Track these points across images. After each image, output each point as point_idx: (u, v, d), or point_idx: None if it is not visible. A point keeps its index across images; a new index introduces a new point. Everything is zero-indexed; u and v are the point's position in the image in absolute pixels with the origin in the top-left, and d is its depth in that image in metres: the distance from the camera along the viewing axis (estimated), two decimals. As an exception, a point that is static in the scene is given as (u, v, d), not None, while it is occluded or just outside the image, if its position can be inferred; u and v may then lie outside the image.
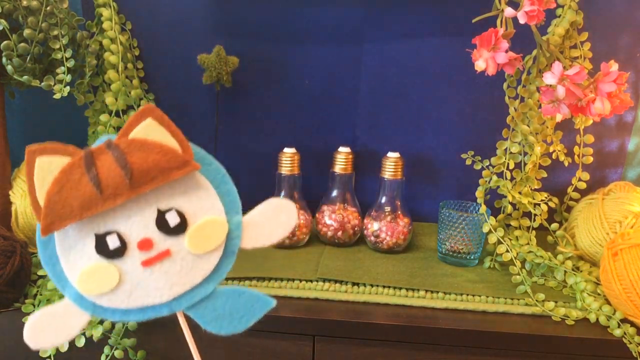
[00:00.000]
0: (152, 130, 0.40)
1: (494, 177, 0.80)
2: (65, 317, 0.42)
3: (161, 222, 0.41)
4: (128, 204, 0.40)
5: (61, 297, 0.63)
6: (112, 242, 0.41)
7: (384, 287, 0.70)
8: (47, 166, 0.39)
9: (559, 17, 0.79)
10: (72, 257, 0.41)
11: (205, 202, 0.42)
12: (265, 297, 0.44)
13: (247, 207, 1.04)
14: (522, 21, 0.64)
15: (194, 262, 0.42)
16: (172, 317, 0.64)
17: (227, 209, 0.43)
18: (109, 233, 0.41)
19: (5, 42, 0.66)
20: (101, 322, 0.61)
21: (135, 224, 0.41)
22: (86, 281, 0.41)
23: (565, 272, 0.72)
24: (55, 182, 0.38)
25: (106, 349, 0.63)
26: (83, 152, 0.39)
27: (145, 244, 0.41)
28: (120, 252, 0.41)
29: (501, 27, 0.68)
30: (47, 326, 0.42)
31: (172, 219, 0.41)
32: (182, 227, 0.41)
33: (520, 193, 0.78)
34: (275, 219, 0.44)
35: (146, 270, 0.41)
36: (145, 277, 0.41)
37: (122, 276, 0.41)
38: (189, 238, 0.42)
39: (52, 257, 0.41)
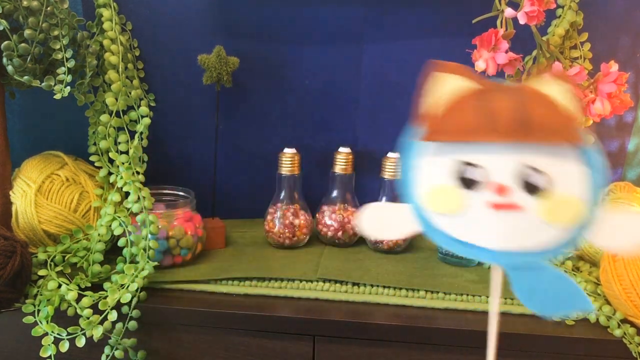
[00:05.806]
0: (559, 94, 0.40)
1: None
2: (397, 217, 0.45)
3: (524, 178, 0.41)
4: (502, 148, 0.41)
5: (62, 296, 0.63)
6: (471, 173, 0.42)
7: (384, 287, 0.70)
8: (445, 82, 0.41)
9: (559, 17, 0.79)
10: (427, 170, 0.43)
11: (573, 181, 0.41)
12: (586, 299, 0.42)
13: (247, 207, 1.04)
14: (522, 22, 0.64)
15: (539, 229, 0.41)
16: (171, 317, 0.65)
17: (591, 197, 0.41)
18: (471, 164, 0.42)
19: (5, 42, 0.66)
20: (102, 322, 0.61)
21: (501, 169, 0.41)
22: (433, 196, 0.43)
23: (565, 272, 0.72)
24: (454, 101, 0.41)
25: (106, 349, 0.63)
26: (487, 83, 0.41)
27: (502, 190, 0.41)
28: (474, 185, 0.42)
29: (501, 27, 0.68)
30: (379, 217, 0.46)
31: (537, 180, 0.41)
32: (541, 191, 0.41)
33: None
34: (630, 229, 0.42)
35: (491, 212, 0.41)
36: (487, 219, 0.41)
37: (466, 207, 0.42)
38: (544, 205, 0.41)
39: (407, 162, 0.44)
